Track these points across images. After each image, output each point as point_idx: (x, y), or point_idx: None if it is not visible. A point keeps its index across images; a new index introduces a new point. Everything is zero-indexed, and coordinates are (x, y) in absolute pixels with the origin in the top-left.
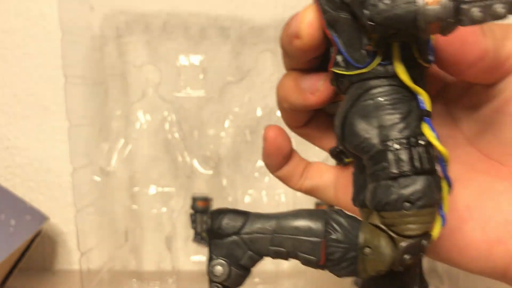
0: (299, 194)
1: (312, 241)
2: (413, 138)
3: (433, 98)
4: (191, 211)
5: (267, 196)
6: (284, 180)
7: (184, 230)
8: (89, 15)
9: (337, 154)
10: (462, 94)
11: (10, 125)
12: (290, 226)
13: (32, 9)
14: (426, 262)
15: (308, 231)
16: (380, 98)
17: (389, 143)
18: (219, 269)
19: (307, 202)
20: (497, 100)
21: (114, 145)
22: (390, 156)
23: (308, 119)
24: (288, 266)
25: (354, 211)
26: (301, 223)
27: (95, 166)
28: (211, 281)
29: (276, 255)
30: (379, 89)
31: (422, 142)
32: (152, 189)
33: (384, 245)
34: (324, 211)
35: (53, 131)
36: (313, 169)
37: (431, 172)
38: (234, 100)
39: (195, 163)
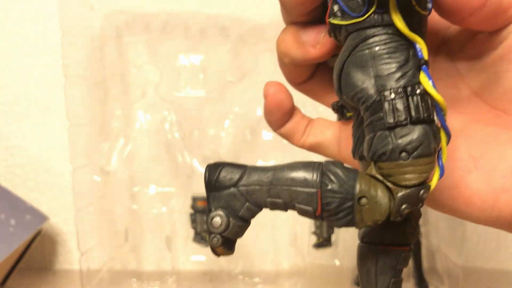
0: None
1: (308, 192)
2: (410, 87)
3: (436, 51)
4: (191, 211)
5: None
6: (287, 138)
7: (184, 230)
8: (89, 15)
9: (339, 108)
10: (466, 45)
11: (10, 125)
12: (286, 177)
13: (32, 9)
14: (426, 262)
15: (303, 182)
16: (376, 48)
17: (386, 93)
18: (217, 220)
19: None
20: (501, 47)
21: (114, 145)
22: (386, 105)
23: (310, 75)
24: (288, 266)
25: (356, 165)
26: (297, 174)
27: (95, 166)
28: (210, 233)
29: (274, 206)
30: (376, 38)
31: (418, 91)
32: (152, 189)
33: (381, 195)
34: (320, 163)
35: (53, 131)
36: (315, 125)
37: (428, 121)
38: (234, 100)
39: (195, 163)
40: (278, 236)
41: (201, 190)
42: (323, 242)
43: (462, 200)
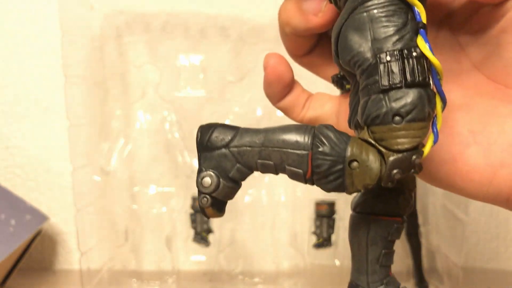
0: (299, 194)
1: (298, 154)
2: (406, 50)
3: (440, 25)
4: (191, 211)
5: (267, 196)
6: (286, 112)
7: (184, 230)
8: (89, 15)
9: (338, 80)
10: (469, 18)
11: (10, 125)
12: (277, 139)
13: (32, 9)
14: (426, 262)
15: (295, 144)
16: (374, 10)
17: (381, 55)
18: (207, 180)
19: (308, 202)
20: (504, 20)
21: (114, 145)
22: (382, 68)
23: (312, 46)
24: (288, 266)
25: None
26: (289, 136)
27: (95, 166)
28: (200, 193)
29: (265, 169)
30: (374, 1)
31: (415, 54)
32: (152, 189)
33: (373, 159)
34: (312, 126)
35: (53, 131)
36: (315, 99)
37: (423, 85)
38: (234, 100)
39: (195, 163)
40: (278, 236)
41: None
42: (323, 242)
43: (460, 175)
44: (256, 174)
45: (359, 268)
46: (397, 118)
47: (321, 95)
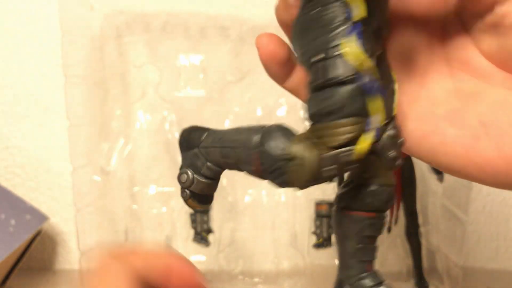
0: (299, 193)
1: (248, 153)
2: (334, 48)
3: (449, 15)
4: (191, 211)
5: (267, 196)
6: (294, 93)
7: (184, 230)
8: (89, 15)
9: None
10: (478, 13)
11: (10, 125)
12: (232, 139)
13: (32, 9)
14: (426, 262)
15: (245, 143)
16: (315, 10)
17: (314, 56)
18: (184, 176)
19: (308, 202)
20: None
21: (114, 145)
22: (313, 68)
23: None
24: (288, 266)
25: None
26: (240, 136)
27: (95, 166)
28: (181, 187)
29: (229, 167)
30: (315, 0)
31: (342, 51)
32: (152, 189)
33: (308, 156)
34: (264, 126)
35: (53, 131)
36: None
37: (351, 82)
38: (234, 100)
39: None
40: (278, 236)
41: None
42: (323, 242)
43: (474, 166)
44: None
45: (340, 261)
46: (329, 116)
47: None
